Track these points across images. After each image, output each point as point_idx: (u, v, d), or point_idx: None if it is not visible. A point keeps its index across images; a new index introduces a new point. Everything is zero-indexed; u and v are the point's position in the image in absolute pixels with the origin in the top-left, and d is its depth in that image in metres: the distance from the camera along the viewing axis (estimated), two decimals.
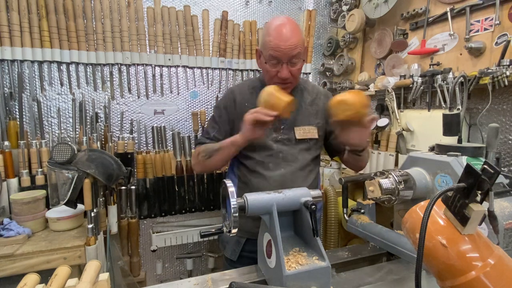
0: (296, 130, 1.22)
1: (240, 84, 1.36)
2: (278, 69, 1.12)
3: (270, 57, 1.11)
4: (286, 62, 1.11)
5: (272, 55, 1.10)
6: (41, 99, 1.70)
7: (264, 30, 1.17)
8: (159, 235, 1.90)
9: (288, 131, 1.22)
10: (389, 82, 1.73)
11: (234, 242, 1.26)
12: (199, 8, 1.97)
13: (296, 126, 1.23)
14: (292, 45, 1.08)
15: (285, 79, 1.14)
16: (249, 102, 1.24)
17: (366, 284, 0.84)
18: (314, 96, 1.31)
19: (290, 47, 1.08)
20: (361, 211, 1.14)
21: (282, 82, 1.15)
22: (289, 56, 1.09)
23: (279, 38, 1.08)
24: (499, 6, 1.30)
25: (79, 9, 1.68)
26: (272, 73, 1.14)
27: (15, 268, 1.21)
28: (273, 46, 1.08)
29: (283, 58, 1.10)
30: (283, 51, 1.08)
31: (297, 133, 1.22)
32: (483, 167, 0.48)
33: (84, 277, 0.67)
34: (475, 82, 1.31)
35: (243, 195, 0.81)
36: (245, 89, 1.29)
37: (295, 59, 1.12)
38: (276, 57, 1.10)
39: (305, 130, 1.24)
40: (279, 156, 1.19)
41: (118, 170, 1.45)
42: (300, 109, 1.26)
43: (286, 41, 1.08)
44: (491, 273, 0.47)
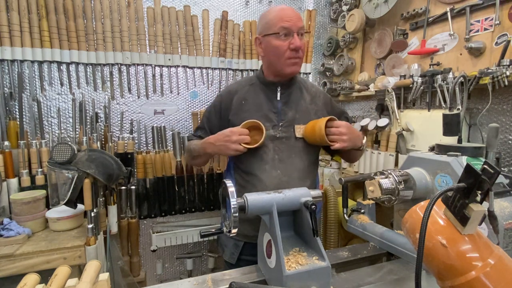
0: (296, 128, 1.21)
1: (238, 82, 1.36)
2: (289, 40, 1.14)
3: (281, 29, 1.13)
4: (296, 32, 1.14)
5: (284, 26, 1.13)
6: (41, 99, 1.70)
7: (264, 15, 1.21)
8: (159, 235, 1.90)
9: (287, 128, 1.21)
10: (389, 82, 1.73)
11: (232, 245, 1.25)
12: (199, 8, 1.97)
13: (296, 124, 1.22)
14: (298, 16, 1.15)
15: (298, 48, 1.15)
16: (246, 99, 1.24)
17: (366, 284, 0.84)
18: (313, 95, 1.30)
19: (297, 17, 1.15)
20: (361, 211, 1.14)
21: (295, 56, 1.17)
22: (298, 26, 1.14)
23: (285, 11, 1.15)
24: (499, 6, 1.30)
25: (79, 9, 1.68)
26: (284, 47, 1.14)
27: (15, 268, 1.21)
28: (283, 17, 1.13)
29: (293, 27, 1.13)
30: (293, 20, 1.13)
31: (297, 131, 1.21)
32: (483, 167, 0.48)
33: (84, 277, 0.67)
34: (475, 82, 1.31)
35: (243, 195, 0.81)
36: (243, 86, 1.29)
37: (302, 31, 1.16)
38: (288, 27, 1.13)
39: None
40: (275, 158, 1.18)
41: (118, 170, 1.45)
42: (300, 107, 1.25)
43: (292, 12, 1.15)
44: (491, 273, 0.47)
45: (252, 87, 1.27)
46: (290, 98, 1.24)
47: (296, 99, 1.26)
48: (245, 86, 1.28)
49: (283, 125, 1.21)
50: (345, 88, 2.15)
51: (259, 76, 1.28)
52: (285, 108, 1.22)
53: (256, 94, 1.25)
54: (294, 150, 1.21)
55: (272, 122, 1.21)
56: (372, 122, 1.78)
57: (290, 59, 1.16)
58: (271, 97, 1.24)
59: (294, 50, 1.14)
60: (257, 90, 1.26)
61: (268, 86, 1.25)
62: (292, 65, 1.18)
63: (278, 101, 1.23)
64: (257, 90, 1.25)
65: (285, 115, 1.22)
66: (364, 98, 2.14)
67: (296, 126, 1.21)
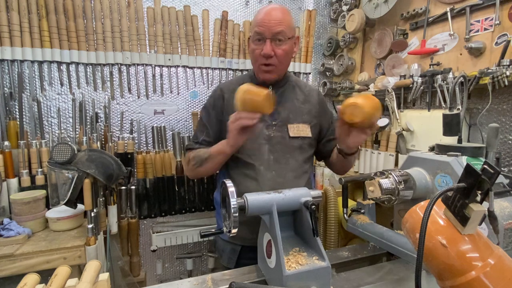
0: (289, 128, 1.19)
1: (229, 82, 1.33)
2: (262, 46, 1.10)
3: (255, 34, 1.11)
4: (270, 38, 1.09)
5: (256, 31, 1.10)
6: (41, 99, 1.70)
7: (254, 16, 1.18)
8: (159, 235, 1.90)
9: (281, 128, 1.19)
10: (389, 82, 1.73)
11: (229, 250, 1.23)
12: (199, 8, 1.97)
13: (290, 123, 1.20)
14: (276, 21, 1.08)
15: (267, 56, 1.10)
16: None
17: (366, 284, 0.84)
18: (306, 94, 1.28)
19: (274, 22, 1.08)
20: (361, 211, 1.14)
21: (265, 63, 1.12)
22: (273, 32, 1.08)
23: (266, 15, 1.10)
24: (499, 6, 1.30)
25: (79, 9, 1.68)
26: (257, 52, 1.12)
27: (15, 268, 1.21)
28: (258, 22, 1.10)
29: (266, 33, 1.09)
30: (267, 25, 1.08)
31: (291, 130, 1.19)
32: (483, 167, 0.48)
33: (84, 277, 0.67)
34: (475, 82, 1.31)
35: (243, 195, 0.81)
36: (234, 86, 1.23)
37: (280, 37, 1.10)
38: (260, 32, 1.09)
39: (298, 128, 1.21)
40: (270, 159, 1.16)
41: (118, 170, 1.45)
42: (293, 106, 1.23)
43: (270, 17, 1.09)
44: (491, 273, 0.47)
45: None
46: (283, 97, 1.23)
47: (289, 99, 1.24)
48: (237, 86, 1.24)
49: (276, 124, 1.19)
50: (345, 88, 2.15)
51: (251, 76, 1.26)
52: (278, 108, 1.20)
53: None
54: (289, 149, 1.19)
55: (265, 121, 1.19)
56: None
57: (262, 66, 1.14)
58: None
59: (264, 56, 1.10)
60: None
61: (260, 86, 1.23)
62: (264, 72, 1.15)
63: None
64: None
65: (278, 115, 1.20)
66: None
67: (289, 126, 1.19)
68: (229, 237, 1.24)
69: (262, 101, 0.94)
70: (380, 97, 1.83)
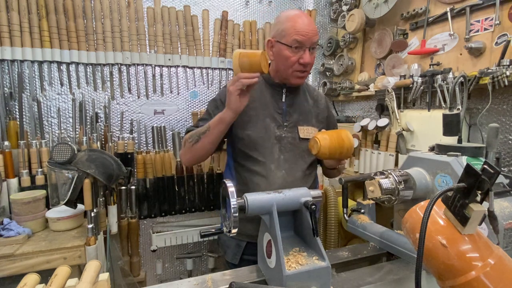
0: (300, 129, 1.22)
1: None
2: (300, 54, 1.13)
3: (294, 42, 1.11)
4: (309, 47, 1.13)
5: (297, 40, 1.11)
6: (41, 99, 1.70)
7: (281, 19, 1.17)
8: (159, 235, 1.90)
9: (291, 129, 1.22)
10: (389, 82, 1.73)
11: (234, 246, 1.25)
12: (199, 8, 1.97)
13: (300, 125, 1.23)
14: (314, 31, 1.13)
15: (307, 64, 1.14)
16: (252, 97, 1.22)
17: (366, 284, 0.84)
18: (315, 98, 1.32)
19: (313, 32, 1.12)
20: (361, 211, 1.14)
21: (302, 70, 1.16)
22: (312, 41, 1.13)
23: (303, 23, 1.11)
24: (499, 6, 1.30)
25: (79, 9, 1.68)
26: (293, 59, 1.13)
27: (15, 268, 1.21)
28: (298, 30, 1.10)
29: (306, 42, 1.11)
30: (308, 35, 1.11)
31: (301, 132, 1.22)
32: (483, 167, 0.48)
33: (84, 277, 0.67)
34: (475, 82, 1.31)
35: (243, 195, 0.81)
36: None
37: (315, 46, 1.15)
38: (301, 41, 1.11)
39: (308, 130, 1.24)
40: (281, 158, 1.18)
41: (118, 170, 1.45)
42: (303, 109, 1.26)
43: (310, 26, 1.12)
44: (491, 273, 0.47)
45: (258, 86, 1.25)
46: (295, 100, 1.26)
47: (300, 102, 1.27)
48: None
49: (287, 125, 1.22)
50: (345, 88, 2.15)
51: (265, 76, 1.28)
52: (290, 110, 1.24)
53: (262, 93, 1.24)
54: (299, 150, 1.21)
55: (277, 122, 1.21)
56: (372, 122, 1.78)
57: (297, 72, 1.16)
58: (277, 98, 1.24)
59: (303, 65, 1.14)
60: (263, 89, 1.25)
61: (274, 87, 1.25)
62: (297, 78, 1.18)
63: (283, 102, 1.24)
64: (263, 90, 1.25)
65: (290, 117, 1.23)
66: (364, 98, 2.14)
67: (299, 128, 1.22)
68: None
69: (259, 60, 0.99)
70: (380, 97, 1.83)
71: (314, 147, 1.07)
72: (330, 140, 1.05)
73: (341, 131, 1.08)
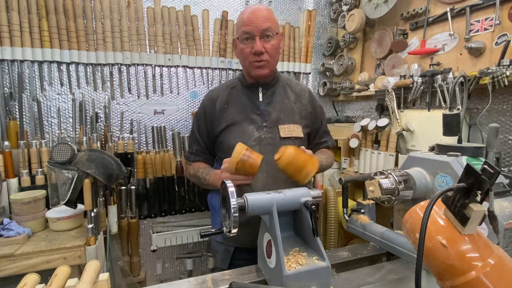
0: (280, 129, 1.19)
1: (219, 86, 1.34)
2: (251, 45, 1.13)
3: (243, 34, 1.13)
4: (259, 35, 1.12)
5: (244, 31, 1.13)
6: (41, 99, 1.70)
7: (238, 17, 1.20)
8: (159, 235, 1.90)
9: (271, 129, 1.19)
10: (389, 82, 1.73)
11: (223, 251, 1.24)
12: (199, 8, 1.97)
13: (280, 124, 1.20)
14: (263, 18, 1.12)
15: (259, 52, 1.13)
16: (228, 103, 1.23)
17: (366, 284, 0.84)
18: (298, 93, 1.28)
19: (262, 19, 1.11)
20: (361, 211, 1.14)
21: (257, 60, 1.15)
22: (261, 28, 1.11)
23: (251, 14, 1.13)
24: (499, 6, 1.30)
25: (79, 9, 1.68)
26: (247, 50, 1.14)
27: (15, 268, 1.21)
28: (245, 21, 1.12)
29: (254, 31, 1.12)
30: (254, 23, 1.11)
31: (282, 131, 1.19)
32: (483, 167, 0.48)
33: (84, 277, 0.67)
34: (475, 82, 1.31)
35: (243, 195, 0.81)
36: (224, 90, 1.27)
37: (268, 33, 1.13)
38: (248, 31, 1.12)
39: (289, 128, 1.21)
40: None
41: (118, 170, 1.45)
42: (284, 107, 1.23)
43: (255, 14, 1.12)
44: (491, 273, 0.47)
45: (233, 90, 1.26)
46: (273, 98, 1.23)
47: (280, 99, 1.24)
48: (226, 89, 1.27)
49: (267, 125, 1.19)
50: (345, 88, 2.15)
51: (240, 79, 1.28)
52: (269, 109, 1.21)
53: (238, 97, 1.23)
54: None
55: (256, 123, 1.19)
56: (372, 122, 1.78)
57: (253, 62, 1.15)
58: (253, 98, 1.22)
59: (256, 54, 1.13)
60: (239, 92, 1.25)
61: (250, 88, 1.24)
62: (257, 68, 1.17)
63: (261, 102, 1.22)
64: (239, 93, 1.24)
65: (269, 116, 1.20)
66: (364, 98, 2.14)
67: (280, 126, 1.19)
68: (223, 239, 1.25)
69: (257, 168, 0.99)
70: (380, 97, 1.84)
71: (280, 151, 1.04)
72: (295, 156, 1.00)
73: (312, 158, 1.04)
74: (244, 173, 1.02)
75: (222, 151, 1.22)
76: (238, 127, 1.19)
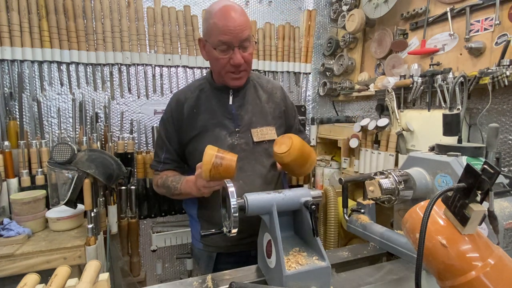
0: (253, 133, 1.13)
1: (185, 88, 1.24)
2: (229, 55, 1.03)
3: (219, 43, 1.01)
4: (238, 46, 1.02)
5: (222, 40, 1.00)
6: (41, 99, 1.70)
7: (206, 14, 1.05)
8: (159, 235, 1.90)
9: (244, 134, 1.13)
10: (389, 82, 1.73)
11: (206, 257, 1.21)
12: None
13: (253, 128, 1.14)
14: (242, 26, 1.00)
15: (238, 65, 1.04)
16: (198, 107, 1.15)
17: (366, 284, 0.84)
18: (269, 92, 1.22)
19: (240, 28, 0.99)
20: (361, 211, 1.14)
21: (235, 71, 1.06)
22: (240, 39, 1.01)
23: (226, 19, 0.98)
24: (499, 6, 1.30)
25: (79, 9, 1.68)
26: (223, 61, 1.04)
27: (15, 268, 1.21)
28: (221, 29, 0.99)
29: (233, 41, 1.00)
30: (233, 33, 0.99)
31: (255, 135, 1.13)
32: (483, 167, 0.48)
33: (84, 277, 0.67)
34: (475, 82, 1.31)
35: (243, 195, 0.81)
36: (192, 93, 1.18)
37: (246, 43, 1.03)
38: (226, 41, 1.00)
39: (262, 131, 1.15)
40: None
41: (118, 170, 1.45)
42: (255, 109, 1.17)
43: (234, 22, 0.98)
44: (491, 273, 0.47)
45: (202, 93, 1.18)
46: (245, 100, 1.16)
47: (251, 100, 1.17)
48: (194, 92, 1.19)
49: (240, 130, 1.13)
50: (345, 88, 2.15)
51: (209, 80, 1.19)
52: (240, 112, 1.15)
53: (208, 100, 1.16)
54: (254, 156, 1.13)
55: (228, 129, 1.12)
56: (372, 122, 1.78)
57: (230, 73, 1.07)
58: (224, 102, 1.15)
59: (235, 66, 1.04)
60: (208, 95, 1.17)
61: (219, 90, 1.16)
62: (233, 80, 1.09)
63: (231, 105, 1.14)
64: (208, 96, 1.17)
65: (241, 120, 1.14)
66: (364, 98, 2.14)
67: (252, 130, 1.14)
68: (204, 246, 1.20)
69: (233, 171, 0.90)
70: (380, 97, 1.84)
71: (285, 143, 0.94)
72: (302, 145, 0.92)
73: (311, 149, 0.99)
74: (220, 178, 0.90)
75: (194, 159, 1.13)
76: (210, 134, 1.12)
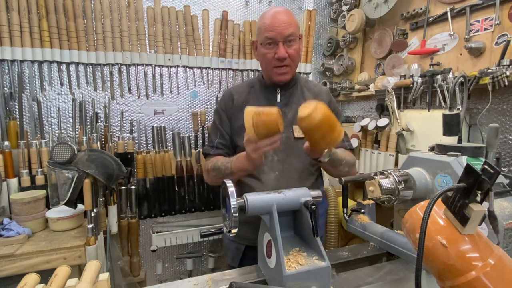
0: (294, 129, 1.20)
1: (239, 85, 1.35)
2: (275, 50, 1.13)
3: (266, 39, 1.13)
4: (282, 41, 1.12)
5: (268, 36, 1.12)
6: (41, 99, 1.70)
7: (259, 19, 1.19)
8: (159, 235, 1.90)
9: (286, 129, 1.19)
10: (389, 82, 1.73)
11: (234, 249, 1.25)
12: (199, 8, 1.97)
13: (295, 124, 1.20)
14: (286, 23, 1.11)
15: (282, 59, 1.13)
16: (247, 102, 1.23)
17: (366, 284, 0.84)
18: (316, 93, 1.29)
19: (284, 25, 1.11)
20: (361, 211, 1.13)
21: (280, 65, 1.15)
22: (284, 35, 1.11)
23: (273, 19, 1.12)
24: (499, 6, 1.30)
25: (79, 9, 1.68)
26: (269, 55, 1.14)
27: (15, 268, 1.21)
28: (267, 26, 1.12)
29: (278, 37, 1.11)
30: (277, 29, 1.11)
31: (296, 131, 1.19)
32: (483, 167, 0.48)
33: (84, 277, 0.67)
34: (475, 82, 1.31)
35: (243, 195, 0.81)
36: (243, 89, 1.29)
37: (291, 38, 1.13)
38: (271, 37, 1.12)
39: None
40: (274, 159, 1.17)
41: (118, 170, 1.45)
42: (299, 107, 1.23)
43: (279, 21, 1.11)
44: (491, 273, 0.47)
45: (253, 90, 1.28)
46: (291, 99, 1.24)
47: (297, 100, 1.25)
48: (246, 88, 1.29)
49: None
50: (345, 88, 2.15)
51: (260, 79, 1.29)
52: (285, 109, 1.22)
53: (257, 97, 1.25)
54: (294, 150, 1.19)
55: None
56: (372, 122, 1.78)
57: (276, 68, 1.16)
58: (271, 99, 1.24)
59: (279, 59, 1.14)
60: (258, 93, 1.26)
61: (268, 89, 1.25)
62: (279, 75, 1.18)
63: (278, 102, 1.23)
64: (258, 93, 1.26)
65: (285, 117, 1.20)
66: (364, 98, 2.14)
67: (294, 126, 1.20)
68: (233, 236, 1.25)
69: (275, 120, 0.88)
70: (380, 97, 1.84)
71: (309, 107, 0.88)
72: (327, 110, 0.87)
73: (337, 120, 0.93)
74: (268, 134, 0.90)
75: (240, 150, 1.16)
76: None
